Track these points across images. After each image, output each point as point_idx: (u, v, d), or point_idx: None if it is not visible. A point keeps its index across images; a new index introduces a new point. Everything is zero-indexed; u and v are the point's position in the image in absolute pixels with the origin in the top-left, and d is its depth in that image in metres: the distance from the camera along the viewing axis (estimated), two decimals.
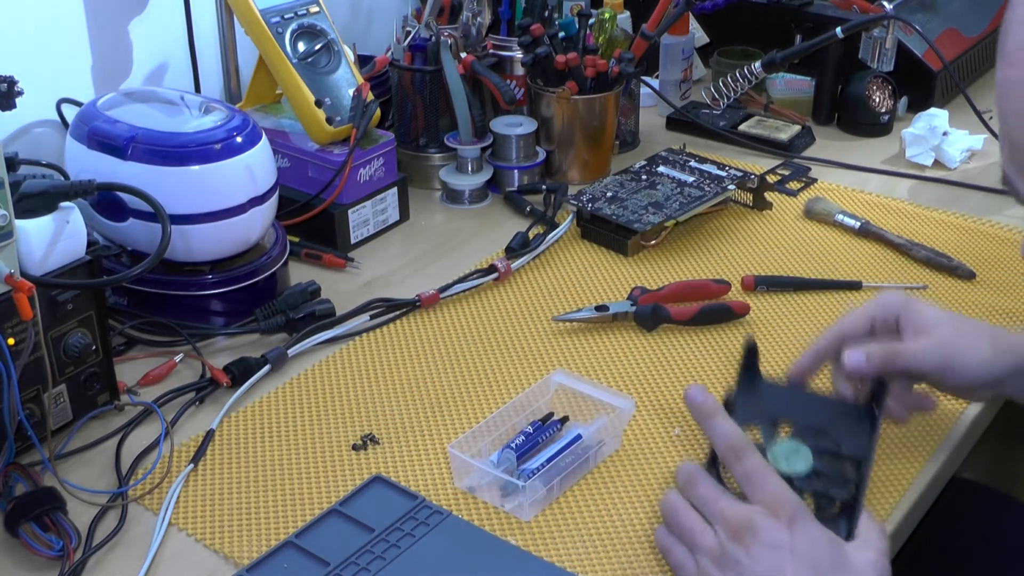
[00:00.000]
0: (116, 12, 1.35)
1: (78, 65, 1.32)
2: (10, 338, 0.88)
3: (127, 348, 1.12)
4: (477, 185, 1.42)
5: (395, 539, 0.87)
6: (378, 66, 1.42)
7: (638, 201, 1.33)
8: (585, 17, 1.47)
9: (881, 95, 1.60)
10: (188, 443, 0.99)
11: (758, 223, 1.37)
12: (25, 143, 1.27)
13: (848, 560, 0.77)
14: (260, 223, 1.15)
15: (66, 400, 0.98)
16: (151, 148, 1.08)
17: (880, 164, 1.52)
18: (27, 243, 0.90)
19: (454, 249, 1.32)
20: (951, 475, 1.01)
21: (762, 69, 1.56)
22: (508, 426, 0.98)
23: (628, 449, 0.98)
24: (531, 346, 1.13)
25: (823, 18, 1.62)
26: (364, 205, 1.32)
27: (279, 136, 1.32)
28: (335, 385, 1.07)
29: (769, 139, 1.57)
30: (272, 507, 0.92)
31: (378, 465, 0.96)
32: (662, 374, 1.08)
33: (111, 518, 0.90)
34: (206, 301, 1.15)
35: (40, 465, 0.92)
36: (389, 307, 1.18)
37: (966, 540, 1.16)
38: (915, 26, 1.59)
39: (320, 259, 1.27)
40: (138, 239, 1.12)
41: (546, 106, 1.45)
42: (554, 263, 1.28)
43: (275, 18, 1.28)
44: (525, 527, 0.89)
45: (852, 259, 1.28)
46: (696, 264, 1.28)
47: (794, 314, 1.18)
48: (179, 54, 1.42)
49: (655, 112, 1.69)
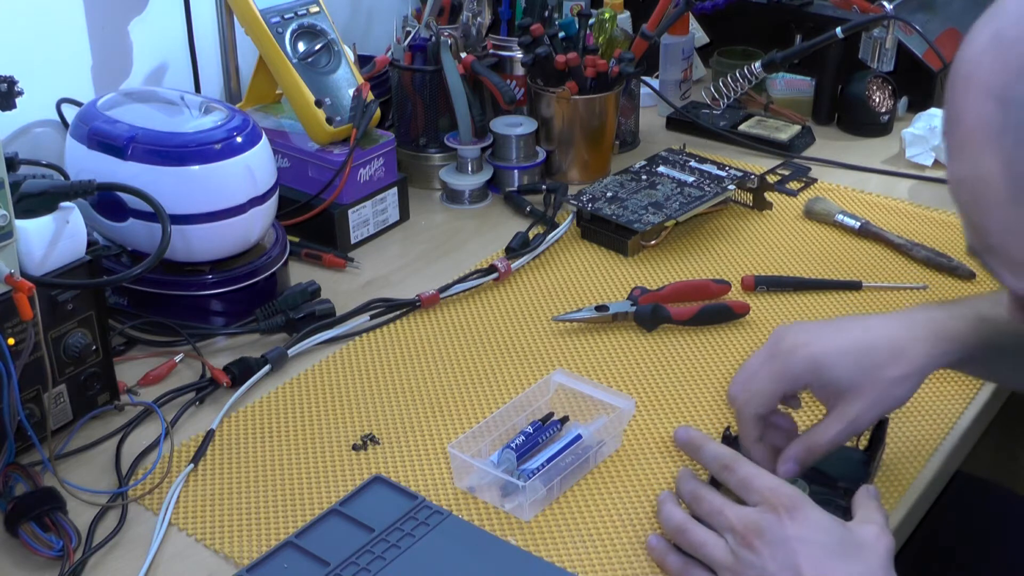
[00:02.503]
0: (116, 12, 1.35)
1: (78, 65, 1.32)
2: (10, 338, 0.88)
3: (127, 348, 1.12)
4: (477, 185, 1.42)
5: (395, 539, 0.87)
6: (378, 66, 1.42)
7: (638, 201, 1.33)
8: (585, 17, 1.47)
9: (881, 95, 1.60)
10: (188, 443, 0.99)
11: (758, 223, 1.37)
12: (25, 143, 1.27)
13: (854, 536, 0.79)
14: (260, 223, 1.15)
15: (66, 400, 0.98)
16: (151, 148, 1.08)
17: (880, 164, 1.52)
18: (27, 243, 0.90)
19: (454, 249, 1.32)
20: (955, 471, 1.01)
21: (762, 69, 1.56)
22: (508, 426, 0.98)
23: (628, 449, 0.98)
24: (531, 346, 1.13)
25: (823, 18, 1.62)
26: (364, 205, 1.32)
27: (279, 136, 1.32)
28: (335, 385, 1.07)
29: (769, 139, 1.57)
30: (272, 507, 0.92)
31: (378, 465, 0.96)
32: (662, 374, 1.08)
33: (111, 518, 0.90)
34: (206, 301, 1.15)
35: (40, 465, 0.92)
36: (389, 307, 1.18)
37: (970, 536, 1.16)
38: (915, 26, 1.59)
39: (320, 259, 1.27)
40: (138, 239, 1.12)
41: (546, 106, 1.45)
42: (554, 263, 1.28)
43: (275, 18, 1.28)
44: (525, 527, 0.89)
45: (852, 259, 1.28)
46: (696, 264, 1.28)
47: (794, 314, 1.18)
48: (179, 54, 1.42)
49: (655, 112, 1.69)
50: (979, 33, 0.60)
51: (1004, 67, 0.57)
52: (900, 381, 0.85)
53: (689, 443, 0.91)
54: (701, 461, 0.89)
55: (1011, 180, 0.57)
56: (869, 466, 0.92)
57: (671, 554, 0.84)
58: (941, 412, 1.03)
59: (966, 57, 0.61)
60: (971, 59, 0.60)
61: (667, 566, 0.84)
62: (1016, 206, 0.58)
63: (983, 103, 0.58)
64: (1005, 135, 0.57)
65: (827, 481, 0.90)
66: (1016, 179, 0.57)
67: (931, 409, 1.03)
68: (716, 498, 0.83)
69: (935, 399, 1.04)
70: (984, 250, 0.63)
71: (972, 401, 1.04)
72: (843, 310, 1.19)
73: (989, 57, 0.58)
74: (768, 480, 0.81)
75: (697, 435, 0.90)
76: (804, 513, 0.78)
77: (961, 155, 0.60)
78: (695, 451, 0.90)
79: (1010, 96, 0.57)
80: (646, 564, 0.86)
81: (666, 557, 0.84)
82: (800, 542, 0.77)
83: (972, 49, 0.60)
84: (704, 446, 0.88)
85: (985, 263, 0.64)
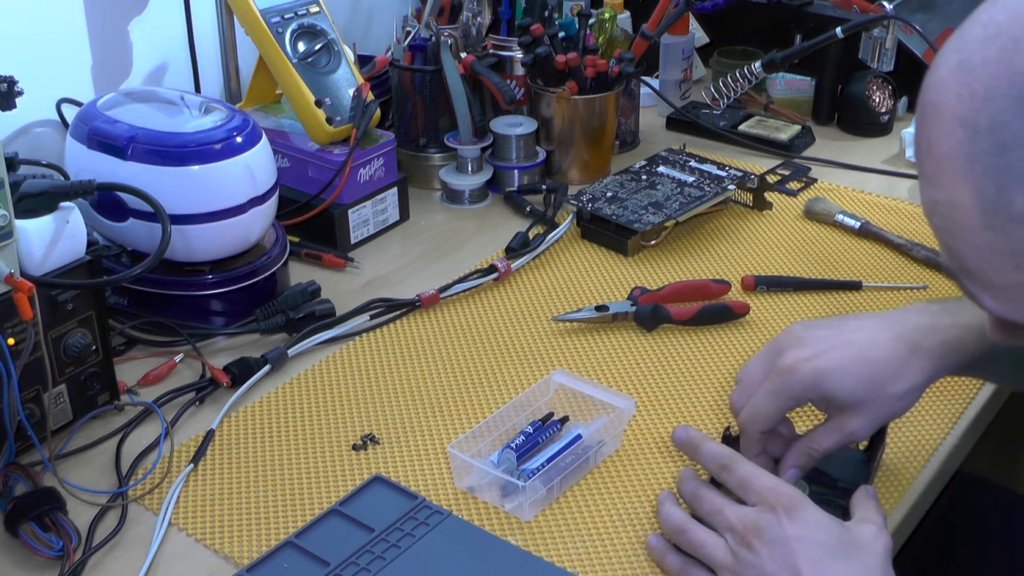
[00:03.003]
0: (116, 12, 1.35)
1: (78, 65, 1.32)
2: (10, 338, 0.88)
3: (127, 348, 1.12)
4: (477, 185, 1.42)
5: (395, 539, 0.87)
6: (378, 66, 1.42)
7: (638, 201, 1.33)
8: (585, 17, 1.47)
9: (881, 95, 1.60)
10: (188, 443, 0.99)
11: (758, 223, 1.37)
12: (25, 143, 1.27)
13: (852, 536, 0.79)
14: (260, 223, 1.15)
15: (66, 400, 0.98)
16: (151, 148, 1.08)
17: (880, 164, 1.52)
18: (27, 243, 0.90)
19: (454, 249, 1.32)
20: (955, 470, 1.01)
21: (762, 69, 1.56)
22: (508, 426, 0.98)
23: (628, 449, 0.98)
24: (531, 346, 1.13)
25: (823, 18, 1.62)
26: (364, 205, 1.32)
27: (279, 136, 1.32)
28: (335, 385, 1.07)
29: (769, 139, 1.57)
30: (272, 507, 0.92)
31: (378, 465, 0.96)
32: (662, 374, 1.08)
33: (111, 518, 0.90)
34: (206, 301, 1.15)
35: (40, 465, 0.92)
36: (389, 307, 1.18)
37: (970, 536, 1.17)
38: (915, 26, 1.58)
39: (320, 259, 1.27)
40: (138, 239, 1.12)
41: (546, 106, 1.45)
42: (554, 263, 1.28)
43: (275, 18, 1.28)
44: (525, 527, 0.89)
45: (852, 259, 1.28)
46: (696, 264, 1.28)
47: (794, 314, 1.18)
48: (179, 54, 1.42)
49: (655, 112, 1.69)
50: (945, 59, 0.60)
51: (971, 94, 0.57)
52: (902, 396, 0.85)
53: (688, 443, 0.90)
54: (699, 461, 0.89)
55: (983, 206, 0.57)
56: (869, 466, 0.92)
57: (671, 554, 0.84)
58: (941, 412, 1.03)
59: (933, 83, 0.60)
60: (938, 85, 0.60)
61: (667, 566, 0.84)
62: (990, 231, 0.58)
63: (952, 131, 0.58)
64: (974, 162, 0.57)
65: (827, 481, 0.91)
66: (987, 205, 0.57)
67: (931, 409, 1.03)
68: (716, 498, 0.83)
69: (935, 399, 1.04)
70: (962, 273, 0.63)
71: (972, 401, 1.04)
72: (843, 310, 1.19)
73: (955, 84, 0.58)
74: (767, 480, 0.82)
75: (695, 435, 0.90)
76: (803, 513, 0.79)
77: (933, 182, 0.61)
78: (693, 451, 0.90)
79: (978, 123, 0.57)
80: (646, 564, 0.86)
81: (666, 557, 0.84)
82: (799, 542, 0.77)
83: (938, 75, 0.60)
84: (702, 446, 0.88)
85: (963, 286, 0.64)
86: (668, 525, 0.85)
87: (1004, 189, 0.56)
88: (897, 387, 0.85)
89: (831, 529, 0.78)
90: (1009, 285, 0.60)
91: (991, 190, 0.57)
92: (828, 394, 0.86)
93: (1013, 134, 0.55)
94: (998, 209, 0.57)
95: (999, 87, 0.56)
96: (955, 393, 1.05)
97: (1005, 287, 0.60)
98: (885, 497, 0.92)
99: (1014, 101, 0.56)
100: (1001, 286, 0.60)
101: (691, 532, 0.82)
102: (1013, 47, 0.56)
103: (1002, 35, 0.57)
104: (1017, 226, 0.57)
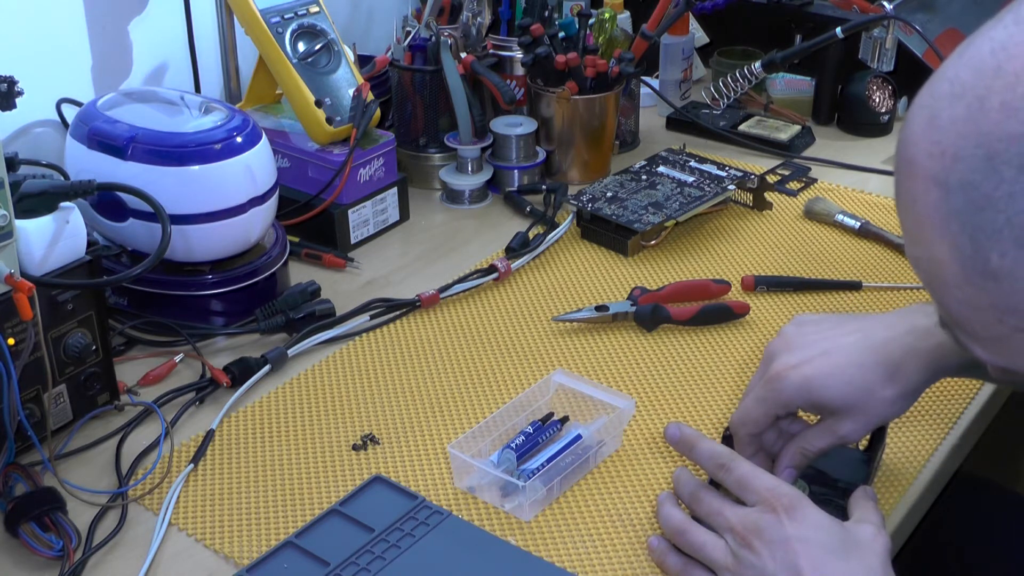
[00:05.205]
0: (116, 12, 1.35)
1: (78, 65, 1.32)
2: (10, 338, 0.88)
3: (127, 348, 1.12)
4: (477, 185, 1.42)
5: (395, 539, 0.87)
6: (378, 66, 1.42)
7: (638, 201, 1.33)
8: (585, 17, 1.47)
9: (881, 95, 1.60)
10: (188, 443, 0.99)
11: (758, 223, 1.37)
12: (25, 143, 1.27)
13: (852, 536, 0.79)
14: (260, 223, 1.15)
15: (66, 400, 0.98)
16: (151, 148, 1.08)
17: (880, 164, 1.52)
18: (27, 243, 0.90)
19: (454, 249, 1.32)
20: (955, 471, 1.01)
21: (762, 69, 1.56)
22: (508, 426, 0.98)
23: (628, 449, 0.98)
24: (531, 346, 1.13)
25: (823, 18, 1.62)
26: (364, 205, 1.32)
27: (279, 136, 1.32)
28: (335, 385, 1.07)
29: (769, 139, 1.57)
30: (272, 507, 0.92)
31: (378, 465, 0.96)
32: (662, 374, 1.08)
33: (111, 518, 0.90)
34: (206, 301, 1.15)
35: (40, 465, 0.92)
36: (389, 307, 1.18)
37: (970, 536, 1.16)
38: (915, 26, 1.58)
39: (320, 259, 1.27)
40: (138, 239, 1.12)
41: (546, 106, 1.45)
42: (554, 263, 1.28)
43: (275, 18, 1.28)
44: (525, 527, 0.89)
45: (852, 259, 1.28)
46: (696, 264, 1.28)
47: (794, 314, 1.18)
48: (179, 54, 1.42)
49: (655, 112, 1.69)
50: (916, 113, 0.60)
51: (941, 153, 0.57)
52: (894, 400, 0.85)
53: (682, 440, 0.90)
54: (696, 460, 0.88)
55: (961, 263, 0.57)
56: (869, 466, 0.92)
57: (671, 555, 0.84)
58: (941, 412, 1.03)
59: (906, 138, 0.60)
60: (911, 141, 0.59)
61: (667, 567, 0.84)
62: (970, 286, 0.58)
63: (928, 189, 0.58)
64: (951, 220, 0.57)
65: (827, 481, 0.91)
66: (965, 262, 0.57)
67: (931, 409, 1.03)
68: (715, 499, 0.83)
69: (935, 399, 1.04)
70: (952, 324, 0.63)
71: (972, 401, 1.04)
72: (843, 310, 1.19)
73: (926, 142, 0.58)
74: (766, 480, 0.81)
75: (689, 432, 0.89)
76: (803, 512, 0.78)
77: (915, 238, 0.61)
78: (689, 449, 0.89)
79: (949, 182, 0.56)
80: (646, 564, 0.86)
81: (666, 558, 0.84)
82: (799, 542, 0.77)
83: (910, 130, 0.60)
84: (698, 444, 0.88)
85: (955, 337, 0.64)
86: (668, 526, 0.85)
87: (980, 247, 0.56)
88: (890, 391, 0.84)
89: (831, 529, 0.78)
90: (995, 337, 0.60)
91: (968, 248, 0.57)
92: (817, 401, 0.86)
93: (984, 194, 0.55)
94: (975, 266, 0.57)
95: (967, 147, 0.56)
96: (955, 393, 1.05)
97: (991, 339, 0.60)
98: (885, 497, 0.92)
99: (982, 161, 0.55)
100: (988, 338, 0.60)
101: (691, 533, 0.82)
102: (979, 106, 0.55)
103: (967, 94, 0.56)
104: (996, 283, 0.56)
